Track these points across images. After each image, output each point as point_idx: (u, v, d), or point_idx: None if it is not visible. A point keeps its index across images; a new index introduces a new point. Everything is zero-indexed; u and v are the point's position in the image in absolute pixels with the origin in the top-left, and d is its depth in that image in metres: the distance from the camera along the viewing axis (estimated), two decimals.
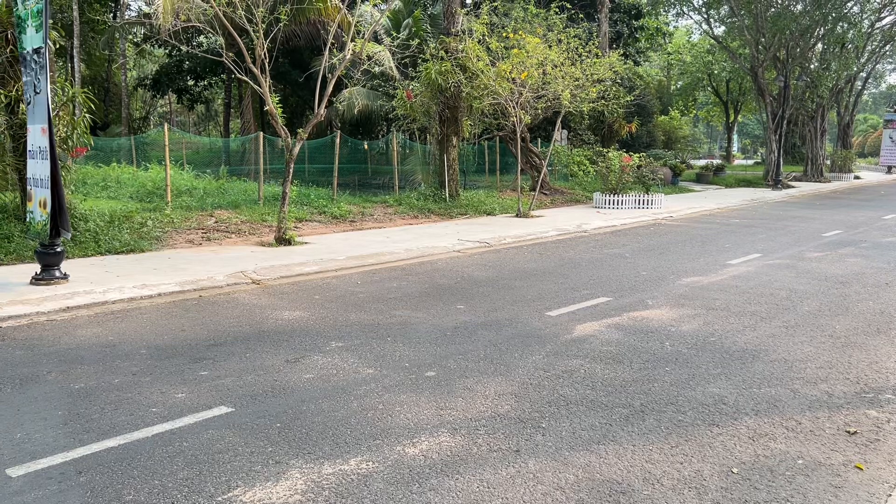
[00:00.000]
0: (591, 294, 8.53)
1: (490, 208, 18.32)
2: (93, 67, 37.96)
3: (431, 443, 4.27)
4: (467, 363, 5.81)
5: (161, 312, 7.52)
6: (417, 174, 23.27)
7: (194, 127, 60.02)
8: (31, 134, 8.56)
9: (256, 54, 11.20)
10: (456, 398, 5.02)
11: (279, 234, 12.05)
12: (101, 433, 4.35)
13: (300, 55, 30.78)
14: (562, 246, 13.00)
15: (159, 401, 4.91)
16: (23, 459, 3.97)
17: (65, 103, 10.63)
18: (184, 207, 14.69)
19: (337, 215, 15.59)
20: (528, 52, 16.47)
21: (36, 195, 8.47)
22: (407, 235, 13.67)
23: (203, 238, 12.31)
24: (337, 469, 3.93)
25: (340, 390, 5.17)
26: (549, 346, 6.30)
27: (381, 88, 27.31)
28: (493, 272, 10.12)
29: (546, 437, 4.39)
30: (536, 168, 22.48)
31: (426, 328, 6.92)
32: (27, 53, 8.37)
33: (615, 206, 20.11)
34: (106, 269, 9.38)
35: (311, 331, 6.82)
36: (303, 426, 4.51)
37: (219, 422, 4.57)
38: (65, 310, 7.32)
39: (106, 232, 11.19)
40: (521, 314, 7.50)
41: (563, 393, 5.14)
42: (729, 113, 52.86)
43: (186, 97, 37.73)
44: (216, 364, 5.76)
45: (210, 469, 3.91)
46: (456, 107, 18.67)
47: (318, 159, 24.87)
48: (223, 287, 8.75)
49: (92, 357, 5.90)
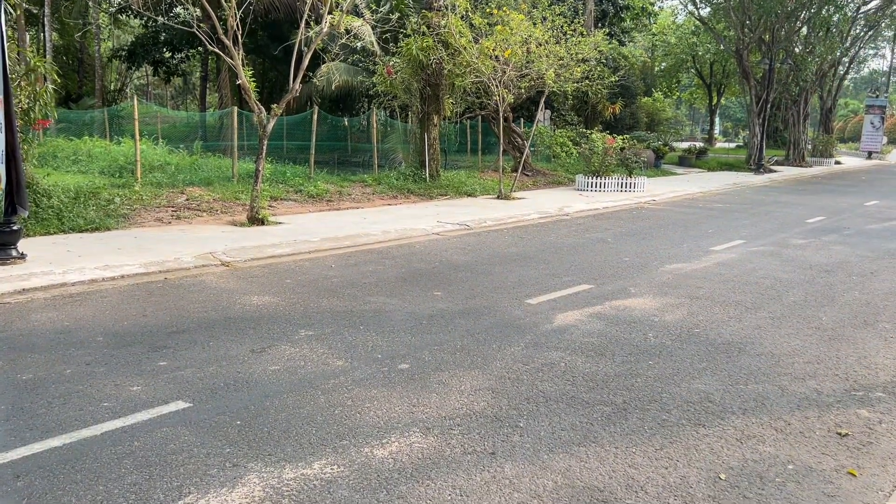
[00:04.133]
0: (572, 281, 8.28)
1: (471, 189, 18.00)
2: (66, 37, 36.83)
3: (402, 444, 4.00)
4: (443, 355, 5.53)
5: (123, 296, 7.15)
6: (398, 153, 22.88)
7: (172, 101, 58.85)
8: None
9: (228, 25, 10.73)
10: (430, 394, 4.74)
11: (252, 214, 11.66)
12: (46, 431, 4.03)
13: (279, 28, 30.05)
14: (543, 229, 12.74)
15: (112, 394, 4.59)
16: None
17: (26, 73, 10.14)
18: (154, 184, 14.20)
19: (313, 194, 15.20)
20: (512, 29, 16.08)
21: None
22: (385, 217, 13.34)
23: (173, 216, 11.89)
24: (299, 473, 3.65)
25: (307, 384, 4.88)
26: (529, 337, 6.04)
27: (361, 64, 26.77)
28: (473, 256, 9.84)
29: (524, 437, 4.14)
30: (519, 149, 22.16)
31: (401, 316, 6.63)
32: None
33: (598, 188, 19.87)
34: (68, 248, 8.96)
35: (280, 318, 6.51)
36: (265, 424, 4.22)
37: (174, 418, 4.27)
38: (20, 292, 6.94)
39: (70, 209, 10.73)
40: (500, 302, 7.24)
41: (543, 388, 4.89)
42: (712, 95, 52.71)
43: (163, 70, 36.76)
44: (176, 353, 5.44)
45: (161, 473, 3.61)
46: (437, 84, 18.24)
47: (296, 136, 24.34)
48: (190, 269, 8.39)
49: (44, 344, 5.55)
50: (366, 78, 25.20)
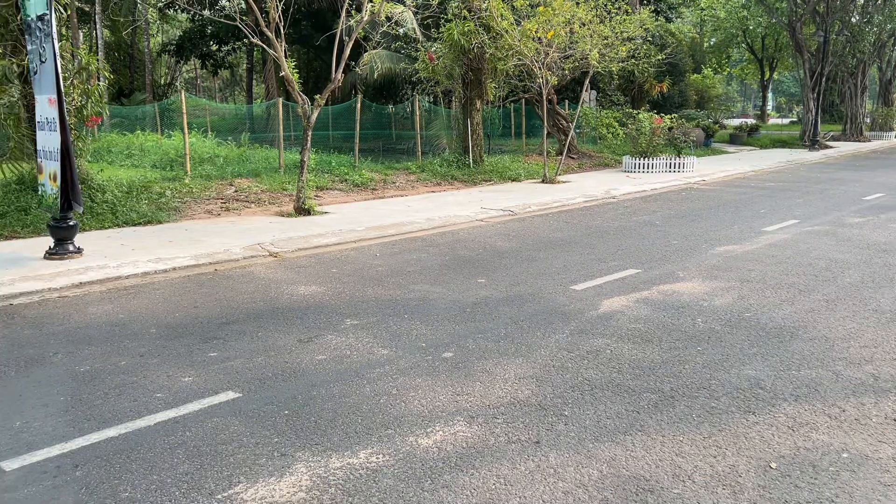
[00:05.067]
0: (618, 266, 8.17)
1: (515, 174, 17.88)
2: (116, 33, 37.77)
3: (446, 433, 4.02)
4: (487, 343, 5.53)
5: (175, 288, 7.34)
6: (441, 139, 22.84)
7: (220, 93, 59.88)
8: (39, 105, 8.35)
9: (270, 17, 10.83)
10: (474, 382, 4.75)
11: (298, 204, 11.81)
12: (103, 421, 4.17)
13: (322, 17, 30.23)
14: (589, 213, 12.59)
15: (165, 385, 4.72)
16: (19, 451, 3.81)
17: (78, 71, 10.42)
18: (204, 176, 14.50)
19: (358, 183, 15.31)
20: (554, 10, 15.84)
21: (46, 168, 8.30)
22: (429, 204, 13.36)
23: (222, 208, 12.13)
24: (345, 463, 3.70)
25: (353, 373, 4.93)
26: (574, 324, 5.99)
27: (403, 51, 26.75)
28: (517, 242, 9.79)
29: (569, 426, 4.11)
30: (563, 131, 21.90)
31: (445, 304, 6.65)
32: (31, 21, 8.12)
33: (645, 169, 19.53)
34: (122, 241, 9.23)
35: (327, 307, 6.59)
36: (312, 413, 4.29)
37: (225, 409, 4.37)
38: (77, 286, 7.18)
39: (124, 203, 11.05)
40: (544, 288, 7.19)
41: (588, 376, 4.85)
42: (764, 70, 51.13)
43: (210, 63, 37.47)
44: (226, 344, 5.56)
45: (212, 462, 3.71)
46: (480, 69, 18.13)
47: (340, 125, 24.54)
48: (239, 260, 8.56)
49: (100, 336, 5.74)
50: (408, 65, 25.19)
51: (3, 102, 10.32)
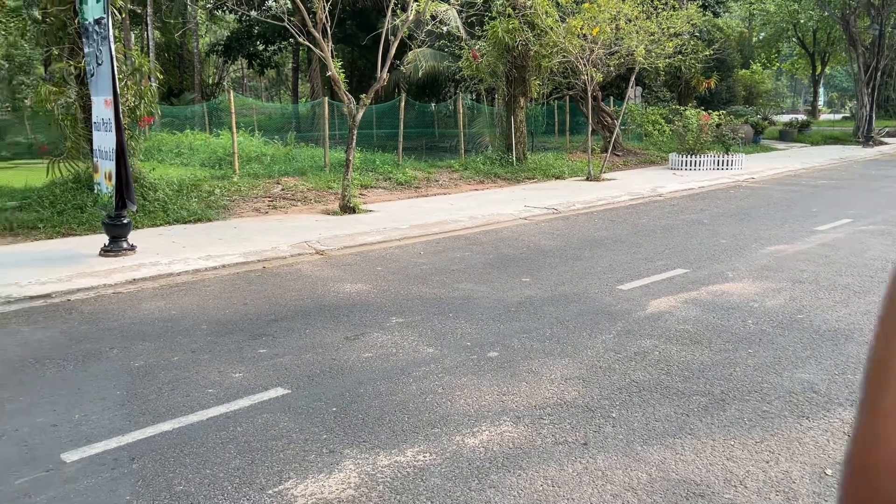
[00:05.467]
0: (666, 265, 8.06)
1: (559, 171, 17.76)
2: (167, 34, 38.64)
3: (493, 433, 4.03)
4: (532, 343, 5.51)
5: (224, 285, 7.49)
6: (484, 137, 22.81)
7: (266, 92, 60.80)
8: (96, 106, 8.60)
9: (318, 17, 10.96)
10: (519, 382, 4.74)
11: (343, 203, 11.93)
12: (157, 416, 4.28)
13: (367, 16, 30.43)
14: (635, 212, 12.43)
15: (216, 381, 4.83)
16: (79, 443, 3.93)
17: (132, 73, 10.70)
18: (252, 175, 14.75)
19: (402, 181, 15.39)
20: (599, 6, 15.68)
21: (102, 167, 8.55)
22: (472, 202, 13.35)
23: (269, 206, 12.33)
24: (392, 461, 3.73)
25: (399, 371, 4.97)
26: (621, 325, 5.93)
27: (447, 49, 26.77)
28: (562, 241, 9.73)
29: (616, 428, 4.07)
30: (608, 128, 21.66)
31: (489, 303, 6.64)
32: (89, 24, 8.37)
33: (692, 167, 19.20)
34: (173, 239, 9.46)
35: (372, 305, 6.65)
36: (359, 411, 4.33)
37: (274, 405, 4.44)
38: (131, 282, 7.38)
39: (174, 201, 11.32)
40: (590, 288, 7.13)
41: (636, 378, 4.79)
42: (815, 65, 49.72)
43: (257, 62, 38.08)
44: (275, 341, 5.65)
45: (263, 458, 3.77)
46: (524, 66, 18.04)
47: (384, 123, 24.71)
48: (287, 258, 8.69)
49: (154, 332, 5.89)
50: (452, 63, 25.23)
51: (61, 103, 10.66)
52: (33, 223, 9.83)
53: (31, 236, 9.57)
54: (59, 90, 10.77)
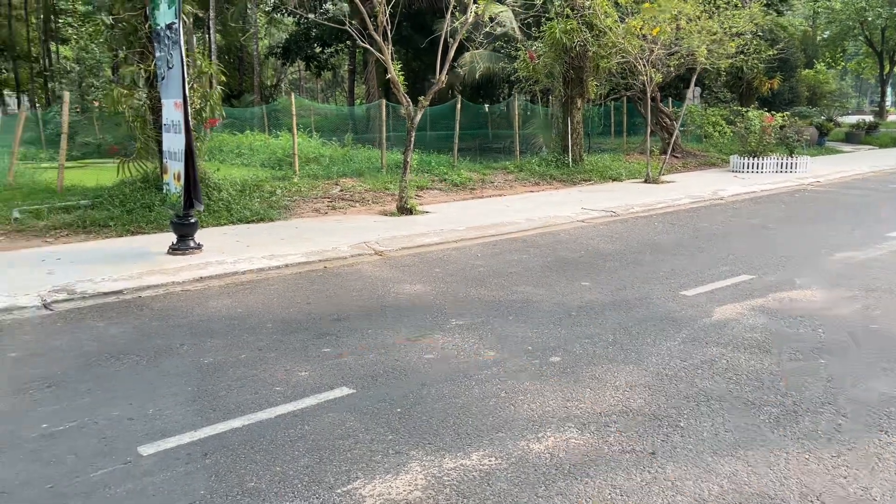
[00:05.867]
0: (730, 271, 7.87)
1: (616, 173, 17.54)
2: (228, 37, 39.58)
3: (558, 439, 4.00)
4: (594, 348, 5.46)
5: (288, 284, 7.63)
6: (539, 138, 22.68)
7: (322, 94, 61.72)
8: (165, 108, 8.87)
9: (378, 21, 11.07)
10: (583, 388, 4.70)
11: (401, 204, 12.02)
12: (227, 412, 4.38)
13: (423, 19, 30.59)
14: (696, 215, 12.19)
15: (283, 379, 4.92)
16: (154, 437, 4.06)
17: (197, 76, 10.98)
18: (311, 176, 15.00)
19: (457, 183, 15.43)
20: (660, 5, 15.42)
21: (171, 168, 8.80)
22: (528, 204, 13.29)
23: (329, 207, 12.51)
24: (458, 464, 3.74)
25: (461, 374, 4.98)
26: (686, 332, 5.82)
27: (503, 50, 26.71)
28: (621, 245, 9.60)
29: (685, 437, 4.00)
30: (667, 129, 21.30)
31: (549, 307, 6.60)
32: (160, 29, 8.63)
33: (754, 169, 18.72)
34: (237, 238, 9.68)
35: (432, 307, 6.68)
36: (423, 413, 4.36)
37: (340, 404, 4.50)
38: (198, 280, 7.58)
39: (237, 201, 11.58)
40: (652, 293, 7.01)
41: (703, 386, 4.70)
42: (884, 64, 47.83)
43: (314, 64, 38.69)
44: (339, 340, 5.73)
45: (330, 457, 3.83)
46: (581, 67, 17.88)
47: (439, 125, 24.79)
48: (347, 258, 8.80)
49: (221, 330, 6.04)
50: (507, 64, 25.16)
51: (131, 106, 11.02)
52: (104, 221, 10.19)
53: (102, 234, 9.92)
54: (130, 93, 11.13)
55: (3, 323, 6.28)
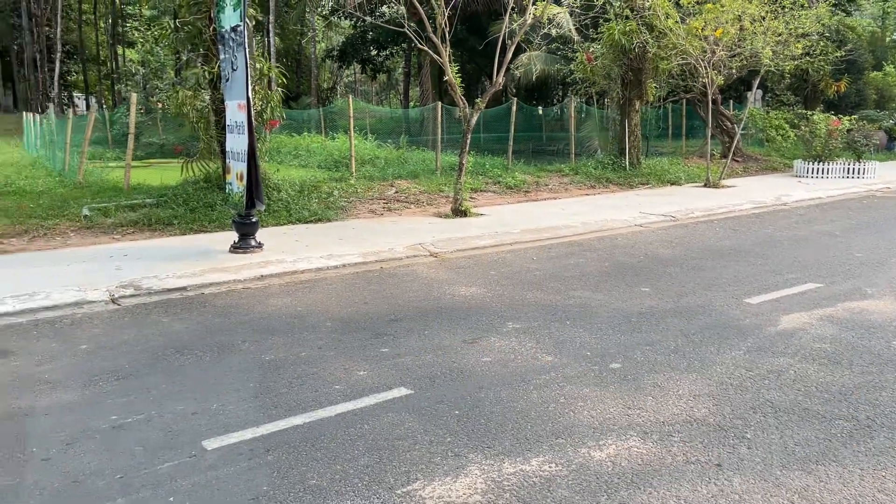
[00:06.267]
0: (796, 279, 7.63)
1: (674, 177, 17.22)
2: (286, 41, 40.36)
3: (619, 447, 3.93)
4: (656, 356, 5.35)
5: (345, 284, 7.71)
6: (594, 140, 22.43)
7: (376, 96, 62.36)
8: (229, 109, 9.07)
9: (437, 23, 11.11)
10: (645, 396, 4.61)
11: (455, 206, 12.03)
12: (288, 409, 4.44)
13: (478, 21, 30.63)
14: (758, 220, 11.86)
15: (342, 378, 4.96)
16: (217, 432, 4.14)
17: (259, 78, 11.21)
18: (366, 177, 15.16)
19: (511, 185, 15.37)
20: (723, 6, 15.08)
21: (233, 168, 8.99)
22: (584, 207, 13.15)
23: (384, 208, 12.61)
24: (518, 469, 3.71)
25: (519, 378, 4.94)
26: (751, 341, 5.66)
27: (559, 52, 26.52)
28: (681, 250, 9.41)
29: (752, 450, 3.88)
30: (727, 132, 20.81)
31: (608, 312, 6.50)
32: (225, 31, 8.82)
33: (820, 174, 18.14)
34: (296, 238, 9.83)
35: (488, 309, 6.66)
36: (481, 416, 4.34)
37: (398, 404, 4.52)
38: (259, 278, 7.73)
39: (296, 201, 11.78)
40: (715, 300, 6.85)
41: (770, 398, 4.55)
42: None
43: (369, 67, 39.13)
44: (396, 341, 5.76)
45: (390, 457, 3.84)
46: (640, 68, 17.63)
47: (492, 127, 24.74)
48: (402, 259, 8.84)
49: (282, 327, 6.13)
50: (563, 66, 24.97)
51: (196, 107, 11.31)
52: (168, 219, 10.49)
53: (166, 232, 10.21)
54: (194, 95, 11.43)
55: (74, 317, 6.51)
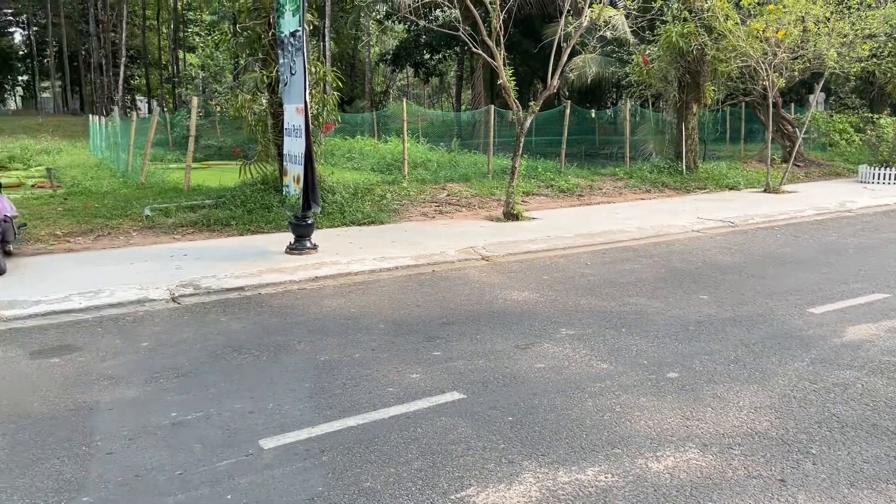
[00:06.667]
0: (862, 289, 7.35)
1: (733, 182, 16.82)
2: (341, 45, 40.91)
3: (678, 459, 3.84)
4: (715, 365, 5.22)
5: (398, 286, 7.75)
6: (650, 144, 22.08)
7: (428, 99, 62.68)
8: (287, 113, 9.22)
9: (492, 27, 11.10)
10: (704, 407, 4.49)
11: (507, 209, 11.98)
12: (343, 410, 4.48)
13: (532, 24, 30.51)
14: (821, 227, 11.48)
15: (395, 380, 4.98)
16: (274, 431, 4.20)
17: (316, 82, 11.37)
18: (419, 180, 15.23)
19: (564, 189, 15.23)
20: (785, 6, 14.66)
21: (290, 171, 9.14)
22: (639, 212, 12.94)
23: (436, 211, 12.65)
24: (573, 478, 3.66)
25: (573, 385, 4.88)
26: (815, 352, 5.47)
27: (614, 55, 26.21)
28: (740, 257, 9.17)
29: (817, 466, 3.75)
30: (789, 137, 20.23)
31: (665, 320, 6.37)
32: (284, 37, 8.98)
33: (887, 180, 17.46)
34: (350, 240, 9.93)
35: (541, 315, 6.60)
36: (535, 423, 4.29)
37: (451, 409, 4.51)
38: (313, 279, 7.83)
39: (350, 204, 11.90)
40: (776, 309, 6.65)
41: (836, 412, 4.39)
42: None
43: (422, 70, 39.35)
44: (448, 344, 5.75)
45: (443, 462, 3.83)
46: (698, 71, 17.29)
47: (545, 130, 24.61)
48: (454, 262, 8.84)
49: (336, 329, 6.19)
50: (618, 68, 24.67)
51: (254, 111, 11.54)
52: (226, 220, 10.72)
53: (224, 232, 10.43)
54: (252, 98, 11.66)
55: (136, 314, 6.70)
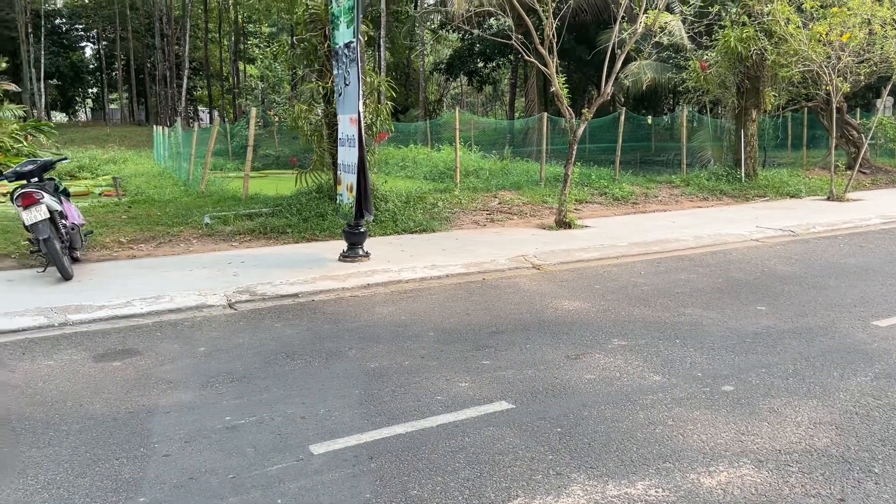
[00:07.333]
0: None
1: (794, 190, 16.34)
2: (396, 55, 41.36)
3: (732, 475, 3.74)
4: (772, 379, 5.07)
5: (448, 294, 7.77)
6: (707, 151, 21.64)
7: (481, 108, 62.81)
8: (341, 123, 9.37)
9: (545, 34, 11.07)
10: (760, 422, 4.37)
11: (559, 217, 11.90)
12: (391, 417, 4.51)
13: (586, 30, 30.32)
14: (888, 237, 11.05)
15: (443, 388, 5.00)
16: (324, 437, 4.26)
17: (370, 92, 11.52)
18: (470, 188, 15.26)
19: (618, 197, 15.05)
20: (850, 9, 14.21)
21: (344, 179, 9.28)
22: (696, 220, 12.69)
23: (487, 219, 12.65)
24: (622, 492, 3.61)
25: (624, 397, 4.81)
26: (879, 367, 5.26)
27: (671, 60, 25.80)
28: (801, 267, 8.89)
29: (880, 486, 3.60)
30: (853, 143, 19.56)
31: (720, 332, 6.23)
32: (339, 48, 9.13)
33: None
34: (401, 248, 10.02)
35: (592, 324, 6.53)
36: (584, 434, 4.25)
37: (499, 418, 4.50)
38: (365, 287, 7.92)
39: (402, 212, 12.01)
40: (838, 322, 6.42)
41: None
42: None
43: (476, 79, 39.50)
44: (497, 353, 5.74)
45: (490, 472, 3.83)
46: (757, 76, 16.89)
47: (598, 137, 24.37)
48: (504, 271, 8.83)
49: (386, 336, 6.25)
50: (674, 74, 24.27)
51: (310, 121, 11.77)
52: (282, 228, 10.95)
53: (280, 240, 10.65)
54: (309, 109, 11.89)
55: (194, 320, 6.89)
